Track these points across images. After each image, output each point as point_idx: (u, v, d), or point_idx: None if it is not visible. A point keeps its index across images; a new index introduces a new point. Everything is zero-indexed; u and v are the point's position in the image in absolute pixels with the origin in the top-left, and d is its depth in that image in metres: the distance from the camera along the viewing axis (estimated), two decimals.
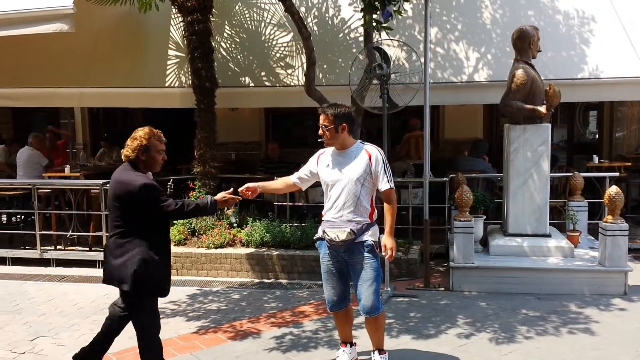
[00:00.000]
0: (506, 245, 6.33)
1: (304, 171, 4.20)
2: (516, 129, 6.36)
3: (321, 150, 4.15)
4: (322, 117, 3.93)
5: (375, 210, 4.03)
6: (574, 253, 6.27)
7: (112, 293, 6.31)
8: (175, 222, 7.58)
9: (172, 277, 6.89)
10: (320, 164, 4.08)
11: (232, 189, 4.19)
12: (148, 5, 7.28)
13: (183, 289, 6.54)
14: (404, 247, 6.97)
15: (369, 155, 3.92)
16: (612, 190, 5.84)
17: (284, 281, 6.82)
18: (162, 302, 5.91)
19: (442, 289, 6.16)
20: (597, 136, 10.78)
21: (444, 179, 7.39)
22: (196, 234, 7.39)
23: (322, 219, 4.08)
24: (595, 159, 9.31)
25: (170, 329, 5.21)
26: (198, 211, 3.87)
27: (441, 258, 7.18)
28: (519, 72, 6.23)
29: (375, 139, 9.25)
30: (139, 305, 3.87)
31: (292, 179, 4.28)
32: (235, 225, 7.51)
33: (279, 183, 4.45)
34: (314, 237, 4.17)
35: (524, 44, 6.32)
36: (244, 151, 11.11)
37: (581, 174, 7.32)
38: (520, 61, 6.35)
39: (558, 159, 9.94)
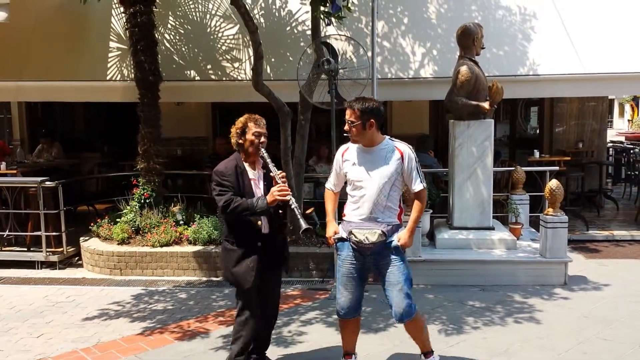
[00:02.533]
0: (452, 239, 6.44)
1: (334, 177, 3.93)
2: (461, 124, 6.47)
3: (344, 147, 3.87)
4: (348, 112, 3.67)
5: (404, 211, 3.86)
6: (517, 245, 6.44)
7: (52, 295, 6.11)
8: (119, 220, 7.38)
9: (116, 277, 6.79)
10: (345, 163, 3.81)
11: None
12: None
13: (127, 289, 6.35)
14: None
15: (401, 154, 3.69)
16: (553, 183, 6.03)
17: None
18: (104, 304, 5.80)
19: None
20: (537, 131, 11.13)
21: None
22: (141, 232, 7.19)
23: (344, 219, 3.82)
24: (536, 153, 9.64)
25: (114, 331, 5.04)
26: (243, 209, 3.62)
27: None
28: (463, 69, 6.33)
29: (324, 134, 9.25)
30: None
31: (334, 189, 3.97)
32: (181, 222, 7.34)
33: (332, 201, 3.99)
34: (334, 237, 3.84)
35: (468, 41, 6.43)
36: (191, 147, 10.91)
37: (523, 168, 7.53)
38: (464, 58, 6.46)
39: (501, 154, 10.20)
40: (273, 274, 3.97)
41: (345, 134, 3.76)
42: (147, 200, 7.45)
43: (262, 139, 3.77)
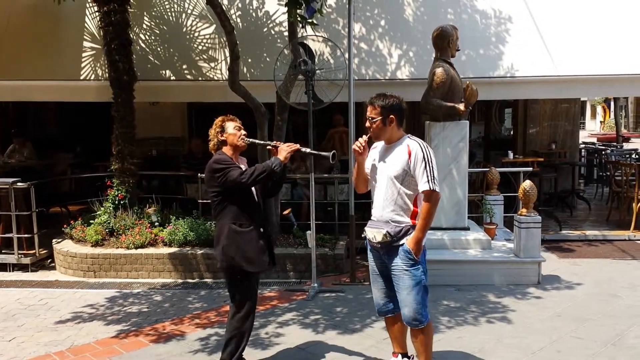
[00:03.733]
0: (427, 239, 6.39)
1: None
2: (436, 126, 6.52)
3: (375, 143, 3.78)
4: (369, 109, 3.59)
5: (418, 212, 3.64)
6: (491, 245, 6.52)
7: (24, 298, 6.00)
8: (92, 221, 7.29)
9: (90, 280, 6.70)
10: (369, 159, 3.74)
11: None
12: None
13: (101, 291, 6.27)
14: (330, 242, 7.01)
15: (408, 151, 3.52)
16: (526, 184, 6.11)
17: (209, 280, 6.68)
18: (78, 307, 5.72)
19: (368, 283, 6.17)
20: (512, 133, 11.28)
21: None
22: (115, 233, 7.10)
23: None
24: (510, 154, 9.78)
25: (88, 334, 4.97)
26: (261, 172, 3.69)
27: (367, 253, 7.25)
28: (439, 71, 6.38)
29: (301, 134, 9.28)
30: (230, 283, 3.92)
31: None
32: (156, 224, 7.27)
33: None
34: (362, 235, 3.82)
35: (444, 42, 6.47)
36: (166, 147, 10.81)
37: (497, 169, 7.62)
38: (440, 60, 6.51)
39: (476, 155, 10.32)
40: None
41: (369, 135, 3.62)
42: (122, 202, 7.37)
43: (244, 131, 3.90)
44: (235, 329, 3.84)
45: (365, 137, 3.63)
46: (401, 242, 3.55)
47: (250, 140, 3.89)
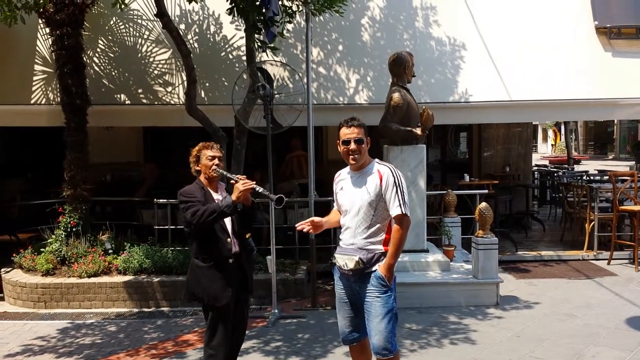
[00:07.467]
0: None
1: (335, 200, 3.74)
2: (394, 149, 6.58)
3: (337, 174, 3.74)
4: (354, 130, 3.48)
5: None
6: (450, 267, 6.57)
7: None
8: (43, 250, 7.03)
9: (40, 311, 6.43)
10: (337, 188, 3.68)
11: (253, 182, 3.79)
12: (13, 18, 6.73)
13: (52, 322, 6.02)
14: (291, 267, 6.94)
15: (380, 176, 3.47)
16: (482, 206, 6.22)
17: (165, 309, 6.50)
18: (28, 339, 5.48)
19: (329, 307, 6.16)
20: (467, 156, 11.51)
21: (329, 198, 7.46)
22: (67, 262, 6.85)
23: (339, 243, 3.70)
24: (467, 177, 9.94)
25: None
26: (210, 213, 3.64)
27: (328, 277, 7.19)
28: (396, 96, 6.47)
29: (260, 159, 9.23)
30: (204, 313, 3.93)
31: (338, 210, 3.78)
32: (110, 251, 7.06)
33: (332, 213, 3.86)
34: (330, 262, 3.75)
35: (400, 68, 6.58)
36: (121, 172, 10.58)
37: (454, 191, 7.73)
38: (396, 85, 6.60)
39: (433, 178, 10.47)
40: (243, 295, 4.00)
41: (352, 158, 3.50)
42: (74, 229, 7.14)
43: (216, 161, 3.92)
44: (210, 357, 3.78)
45: (311, 219, 3.68)
46: (373, 269, 3.47)
47: (220, 171, 3.90)
